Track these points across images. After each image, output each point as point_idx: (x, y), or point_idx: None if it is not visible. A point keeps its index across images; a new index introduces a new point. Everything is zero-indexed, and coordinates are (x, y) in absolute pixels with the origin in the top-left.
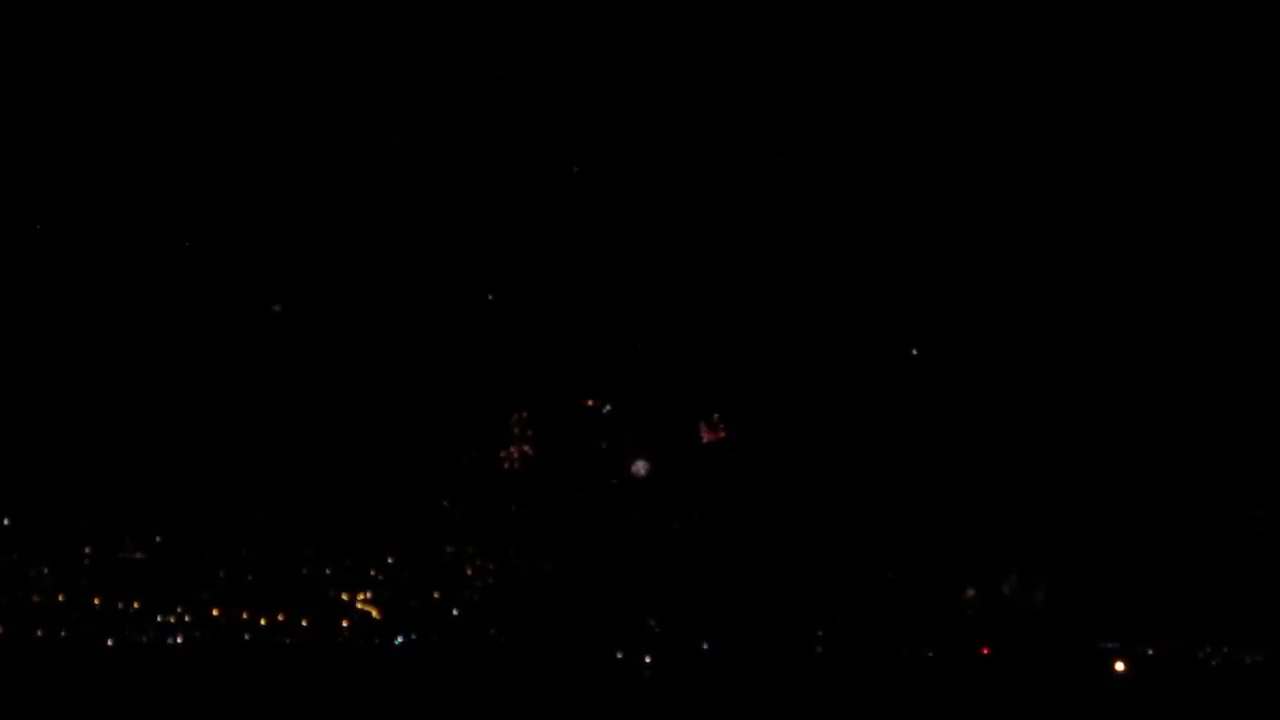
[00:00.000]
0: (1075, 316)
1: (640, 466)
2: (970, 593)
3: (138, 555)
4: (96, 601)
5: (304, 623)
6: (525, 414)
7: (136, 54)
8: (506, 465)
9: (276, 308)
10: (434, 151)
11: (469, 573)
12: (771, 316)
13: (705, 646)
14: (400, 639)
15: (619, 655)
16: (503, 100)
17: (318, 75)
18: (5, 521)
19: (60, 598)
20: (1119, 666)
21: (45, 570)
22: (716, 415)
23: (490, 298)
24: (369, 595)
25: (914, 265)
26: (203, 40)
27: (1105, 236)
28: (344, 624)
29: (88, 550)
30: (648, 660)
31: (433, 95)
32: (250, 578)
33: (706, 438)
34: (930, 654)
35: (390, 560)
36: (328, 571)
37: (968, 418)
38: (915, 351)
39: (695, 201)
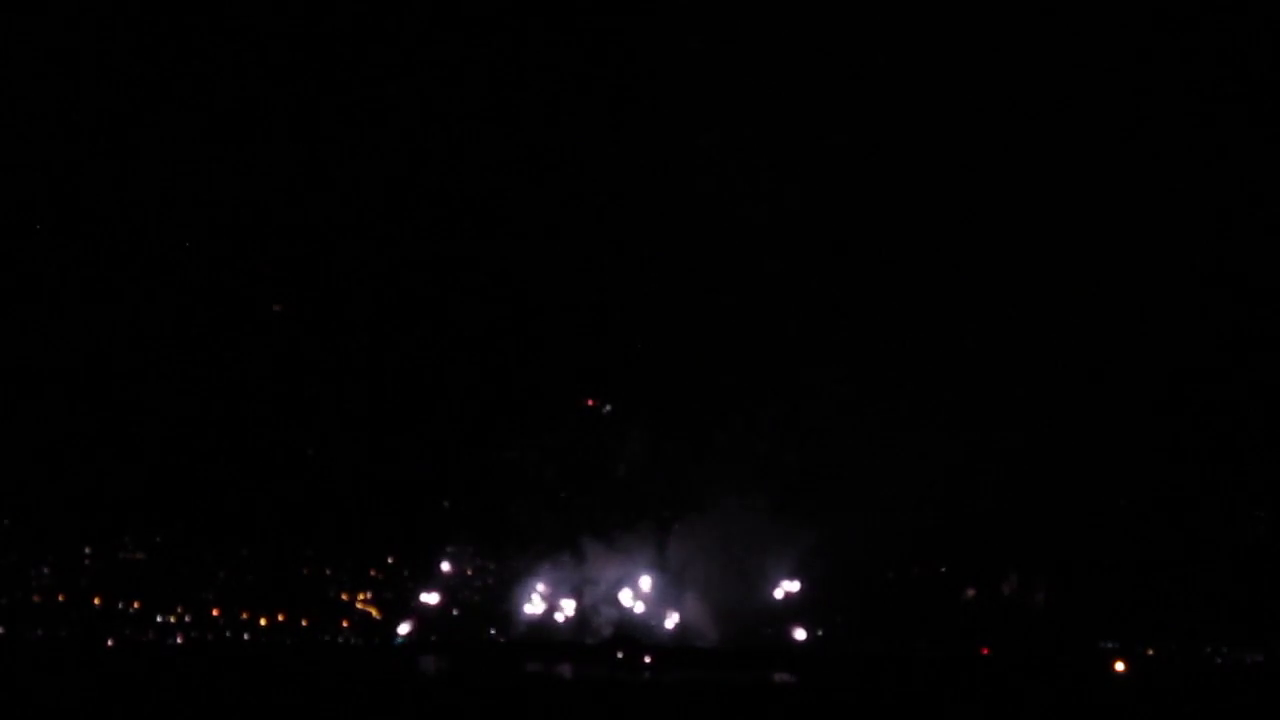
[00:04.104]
0: (1076, 320)
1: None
2: (970, 593)
3: (138, 555)
4: (96, 601)
5: (304, 623)
6: (525, 414)
7: (137, 56)
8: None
9: (276, 308)
10: (434, 154)
11: (469, 573)
12: (772, 318)
13: (704, 647)
14: (400, 639)
15: (619, 655)
16: (503, 104)
17: (317, 79)
18: (5, 521)
19: (60, 598)
20: (1119, 666)
21: (45, 570)
22: (717, 416)
23: (491, 299)
24: (369, 595)
25: (915, 267)
26: (205, 43)
27: (1106, 240)
28: (344, 624)
29: (88, 550)
30: (648, 660)
31: (432, 98)
32: (250, 578)
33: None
34: (930, 654)
35: (390, 560)
36: (328, 571)
37: (968, 419)
38: (917, 354)
39: (696, 204)
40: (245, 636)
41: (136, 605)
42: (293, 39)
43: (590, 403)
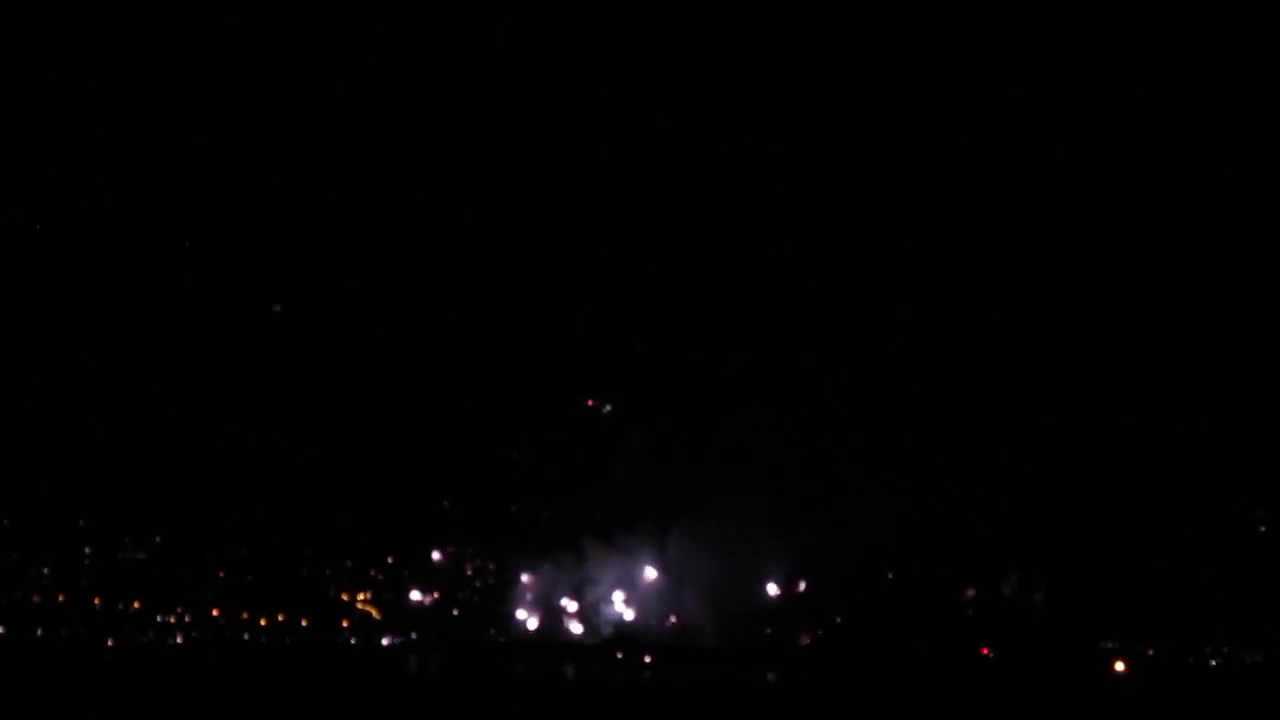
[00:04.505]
0: (1076, 320)
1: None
2: (970, 593)
3: (138, 555)
4: (96, 601)
5: (304, 623)
6: (525, 414)
7: (138, 56)
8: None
9: (277, 308)
10: (435, 154)
11: (469, 572)
12: (772, 318)
13: (704, 646)
14: (400, 639)
15: (619, 655)
16: (504, 104)
17: (318, 78)
18: (5, 521)
19: (60, 598)
20: (1119, 666)
21: (45, 570)
22: (718, 418)
23: (491, 299)
24: (369, 595)
25: (915, 267)
26: (205, 42)
27: (1107, 239)
28: (344, 624)
29: (88, 550)
30: (647, 660)
31: (433, 97)
32: (250, 578)
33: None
34: (930, 654)
35: (390, 560)
36: (328, 572)
37: (968, 419)
38: (916, 354)
39: (695, 204)
40: (245, 636)
41: (136, 605)
42: (295, 39)
43: (590, 403)
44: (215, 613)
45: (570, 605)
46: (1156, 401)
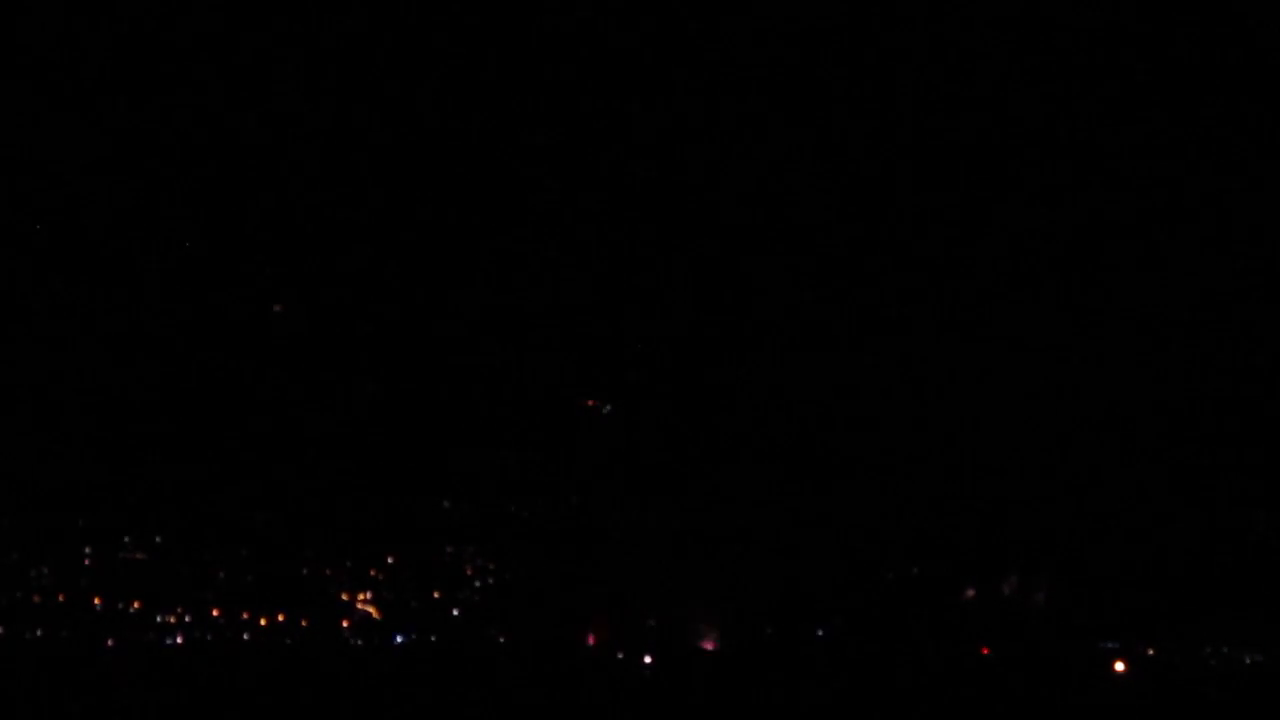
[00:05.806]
0: (1075, 318)
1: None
2: (970, 593)
3: (138, 555)
4: (96, 601)
5: (304, 623)
6: (525, 414)
7: (138, 55)
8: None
9: (277, 308)
10: (435, 154)
11: (469, 573)
12: (772, 318)
13: (705, 646)
14: (400, 639)
15: (619, 655)
16: (504, 102)
17: (319, 78)
18: (5, 521)
19: (60, 598)
20: (1119, 666)
21: (45, 570)
22: (716, 416)
23: (491, 298)
24: (369, 595)
25: (914, 266)
26: (205, 42)
27: (1106, 238)
28: (344, 624)
29: (88, 550)
30: (648, 660)
31: (434, 96)
32: (250, 578)
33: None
34: (930, 654)
35: (390, 560)
36: (328, 572)
37: (968, 418)
38: (916, 354)
39: (694, 203)
40: (245, 636)
41: (136, 605)
42: (290, 36)
43: (590, 403)
44: (215, 613)
45: (570, 605)
46: (1157, 401)
